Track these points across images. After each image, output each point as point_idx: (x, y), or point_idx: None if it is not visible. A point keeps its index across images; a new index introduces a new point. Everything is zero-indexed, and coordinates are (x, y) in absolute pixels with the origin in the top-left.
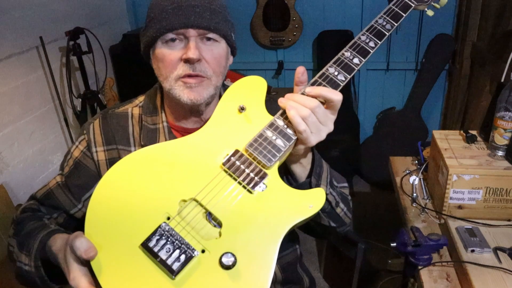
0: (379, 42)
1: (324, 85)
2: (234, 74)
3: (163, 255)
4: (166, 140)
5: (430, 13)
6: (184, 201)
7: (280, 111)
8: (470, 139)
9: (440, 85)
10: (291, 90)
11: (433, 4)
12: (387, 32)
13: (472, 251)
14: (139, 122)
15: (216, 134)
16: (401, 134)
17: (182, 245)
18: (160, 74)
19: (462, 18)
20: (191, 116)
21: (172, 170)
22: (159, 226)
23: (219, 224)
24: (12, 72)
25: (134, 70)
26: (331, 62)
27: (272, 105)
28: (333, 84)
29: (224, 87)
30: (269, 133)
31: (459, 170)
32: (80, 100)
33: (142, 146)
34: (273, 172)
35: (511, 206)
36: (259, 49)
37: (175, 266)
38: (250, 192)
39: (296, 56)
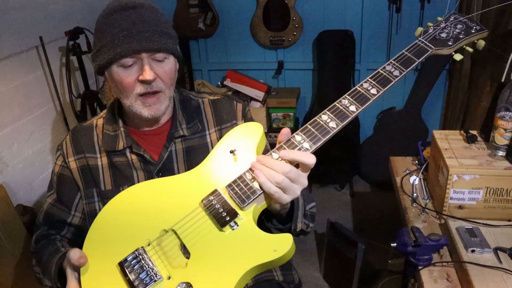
0: (382, 90)
1: (313, 132)
2: (234, 74)
3: (132, 275)
4: (124, 143)
5: (457, 57)
6: (166, 231)
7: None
8: (470, 139)
9: (440, 85)
10: (291, 90)
11: (466, 48)
12: (394, 79)
13: (473, 251)
14: (102, 131)
15: (206, 172)
16: (401, 134)
17: (149, 270)
18: (119, 93)
19: None
20: (149, 123)
21: (161, 203)
22: (136, 250)
23: (189, 255)
24: (12, 72)
25: None
26: (325, 110)
27: (221, 105)
28: (323, 131)
29: (224, 87)
30: (248, 176)
31: (460, 170)
32: (80, 100)
33: (105, 151)
34: (247, 214)
35: (511, 206)
36: (259, 49)
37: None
38: (221, 230)
39: (296, 56)
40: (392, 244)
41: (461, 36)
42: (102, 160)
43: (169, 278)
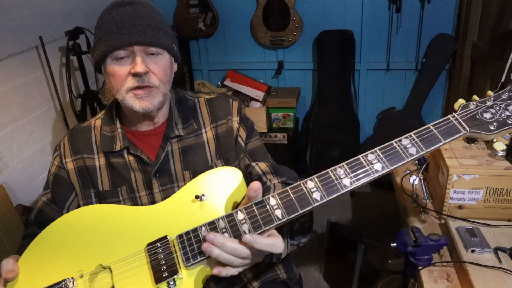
0: (389, 168)
1: (291, 199)
2: (234, 74)
3: None
4: (121, 143)
5: (498, 147)
6: (103, 266)
7: (236, 210)
8: (470, 139)
9: (440, 85)
10: (291, 90)
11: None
12: (407, 158)
13: (473, 251)
14: (100, 131)
15: (166, 212)
16: (401, 134)
17: None
18: (112, 87)
19: (462, 18)
20: (144, 120)
21: (110, 233)
22: (64, 280)
23: None
24: (12, 72)
25: None
26: (314, 176)
27: (214, 104)
28: (303, 201)
29: (224, 87)
30: (204, 231)
31: (459, 170)
32: (80, 100)
33: (102, 152)
34: (190, 275)
35: (511, 206)
36: (259, 49)
37: None
38: (156, 286)
39: (296, 56)
40: (392, 244)
41: (509, 121)
42: (99, 160)
43: None
